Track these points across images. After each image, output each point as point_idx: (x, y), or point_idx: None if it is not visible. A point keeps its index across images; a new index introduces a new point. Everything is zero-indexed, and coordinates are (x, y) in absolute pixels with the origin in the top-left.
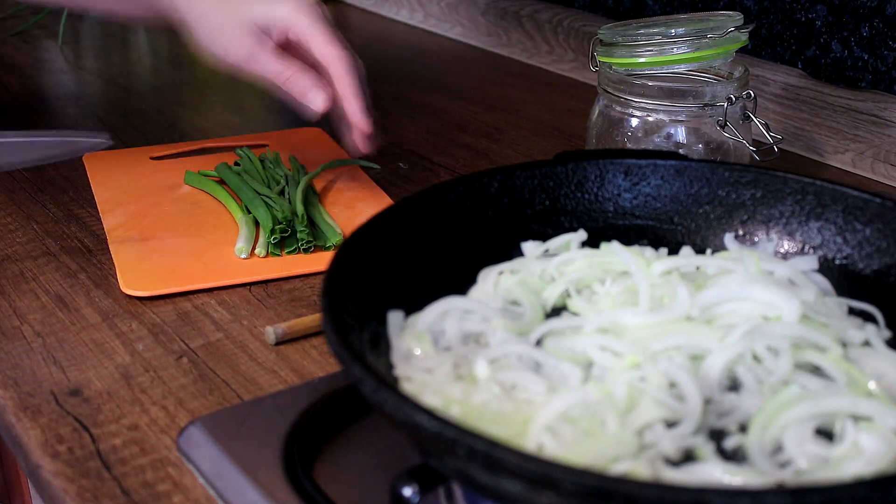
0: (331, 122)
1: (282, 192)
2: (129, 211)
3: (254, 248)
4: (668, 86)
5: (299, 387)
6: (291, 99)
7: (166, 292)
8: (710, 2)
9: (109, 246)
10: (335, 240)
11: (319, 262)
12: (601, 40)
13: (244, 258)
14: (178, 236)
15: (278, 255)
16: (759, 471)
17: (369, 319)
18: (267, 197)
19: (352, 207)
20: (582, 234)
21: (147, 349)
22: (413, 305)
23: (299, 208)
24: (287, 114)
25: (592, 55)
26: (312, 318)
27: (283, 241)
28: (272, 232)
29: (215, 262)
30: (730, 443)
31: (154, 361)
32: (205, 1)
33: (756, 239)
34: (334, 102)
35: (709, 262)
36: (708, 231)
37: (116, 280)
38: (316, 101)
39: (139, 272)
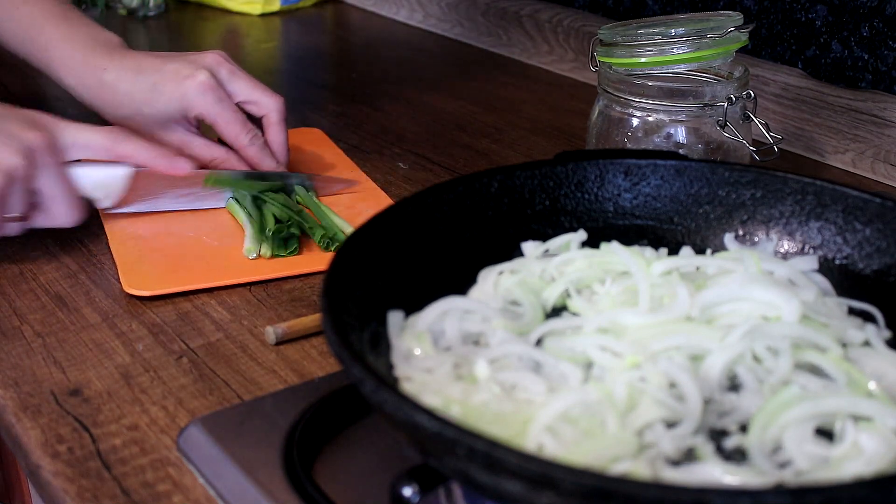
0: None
1: (280, 191)
2: (129, 211)
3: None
4: (668, 86)
5: (299, 387)
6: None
7: (168, 292)
8: (710, 2)
9: (110, 246)
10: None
11: (319, 262)
12: (601, 40)
13: (253, 258)
14: (178, 236)
15: (282, 255)
16: (759, 471)
17: (369, 319)
18: (264, 196)
19: (352, 207)
20: (582, 234)
21: (147, 349)
22: (413, 305)
23: (294, 205)
24: (287, 113)
25: (592, 55)
26: (312, 318)
27: (287, 240)
28: (275, 231)
29: (216, 263)
30: (730, 443)
31: (154, 361)
32: (114, 107)
33: (756, 239)
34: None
35: (709, 262)
36: (708, 231)
37: (116, 280)
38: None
39: (140, 272)
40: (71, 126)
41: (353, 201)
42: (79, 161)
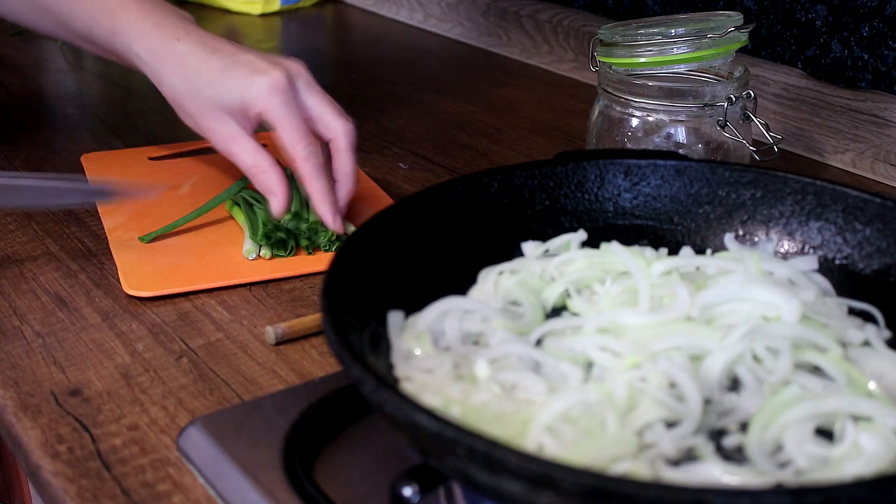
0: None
1: None
2: (129, 211)
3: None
4: (668, 86)
5: (299, 387)
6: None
7: (168, 293)
8: (710, 2)
9: (110, 247)
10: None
11: (319, 262)
12: (601, 40)
13: (252, 259)
14: (178, 236)
15: (282, 255)
16: (759, 471)
17: (369, 319)
18: (257, 198)
19: (352, 207)
20: (582, 234)
21: (147, 349)
22: (413, 305)
23: (294, 205)
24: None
25: (592, 55)
26: (312, 318)
27: (285, 241)
28: (268, 236)
29: (216, 263)
30: (730, 443)
31: (154, 361)
32: (177, 78)
33: (756, 239)
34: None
35: (709, 262)
36: (708, 231)
37: (116, 280)
38: (274, 205)
39: (141, 273)
40: None
41: (353, 201)
42: None
